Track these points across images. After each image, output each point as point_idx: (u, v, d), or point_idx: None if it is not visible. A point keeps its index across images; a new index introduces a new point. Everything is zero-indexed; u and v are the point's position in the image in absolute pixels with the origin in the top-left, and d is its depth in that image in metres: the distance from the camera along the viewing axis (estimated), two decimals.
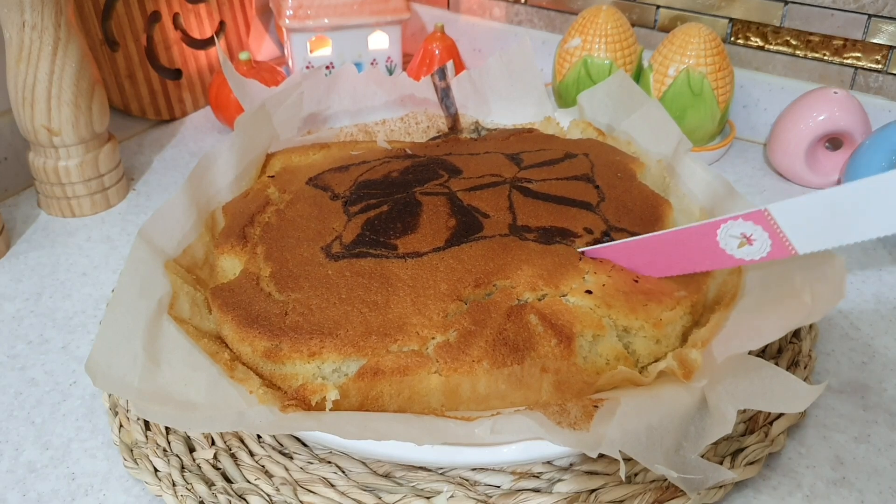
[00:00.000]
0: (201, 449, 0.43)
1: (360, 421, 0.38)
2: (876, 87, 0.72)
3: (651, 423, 0.36)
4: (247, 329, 0.42)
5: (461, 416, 0.39)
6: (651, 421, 0.36)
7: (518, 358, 0.40)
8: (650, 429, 0.36)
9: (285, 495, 0.40)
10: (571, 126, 0.68)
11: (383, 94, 0.68)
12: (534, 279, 0.44)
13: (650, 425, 0.36)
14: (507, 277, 0.44)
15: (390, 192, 0.53)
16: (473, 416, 0.39)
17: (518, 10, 0.90)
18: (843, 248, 0.37)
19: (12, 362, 0.50)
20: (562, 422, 0.37)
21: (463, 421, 0.38)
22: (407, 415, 0.39)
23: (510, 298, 0.43)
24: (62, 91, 0.61)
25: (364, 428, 0.37)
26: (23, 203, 0.68)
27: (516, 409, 0.39)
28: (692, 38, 0.69)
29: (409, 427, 0.37)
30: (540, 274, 0.44)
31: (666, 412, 0.37)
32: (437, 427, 0.37)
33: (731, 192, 0.51)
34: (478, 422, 0.38)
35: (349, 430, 0.37)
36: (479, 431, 0.37)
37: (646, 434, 0.35)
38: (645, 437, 0.35)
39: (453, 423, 0.38)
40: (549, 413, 0.38)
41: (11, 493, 0.41)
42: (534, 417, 0.38)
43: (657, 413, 0.36)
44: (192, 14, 0.82)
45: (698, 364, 0.40)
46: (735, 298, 0.44)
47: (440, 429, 0.37)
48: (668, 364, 0.39)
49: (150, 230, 0.47)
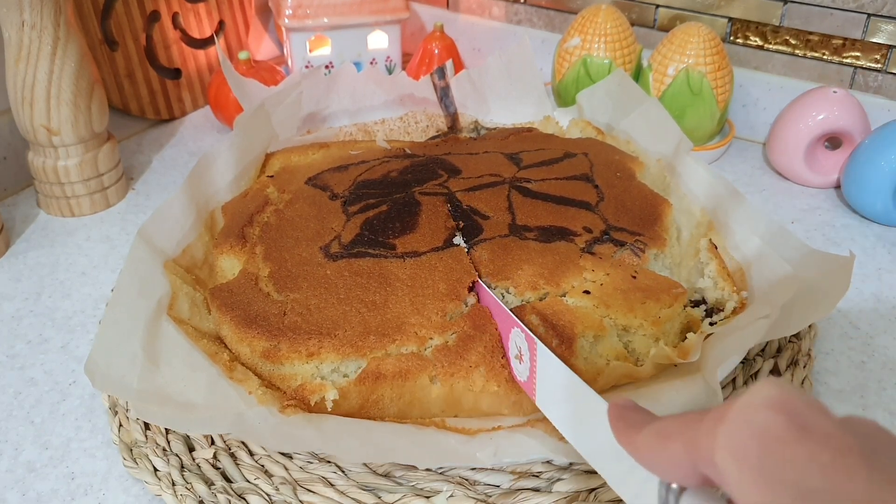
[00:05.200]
0: (201, 448, 0.43)
1: (362, 433, 0.38)
2: (875, 86, 0.72)
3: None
4: (245, 329, 0.42)
5: (462, 429, 0.39)
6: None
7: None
8: None
9: (285, 495, 0.40)
10: (571, 125, 0.68)
11: (382, 94, 0.68)
12: (534, 278, 0.44)
13: None
14: (507, 278, 0.44)
15: (389, 191, 0.53)
16: (474, 429, 0.39)
17: (517, 10, 0.90)
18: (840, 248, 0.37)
19: (11, 362, 0.50)
20: (563, 437, 0.38)
21: (464, 436, 0.38)
22: (408, 427, 0.39)
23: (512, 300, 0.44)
24: (61, 90, 0.61)
25: (366, 443, 0.37)
26: (22, 203, 0.68)
27: (516, 424, 0.40)
28: (691, 38, 0.69)
29: (410, 444, 0.38)
30: (540, 273, 0.44)
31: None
32: (439, 446, 0.38)
33: (732, 192, 0.51)
34: (479, 439, 0.38)
35: (351, 446, 0.37)
36: (481, 456, 0.37)
37: None
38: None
39: (454, 439, 0.38)
40: (549, 429, 0.38)
41: (11, 492, 0.41)
42: (535, 436, 0.38)
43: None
44: (191, 13, 0.82)
45: (692, 343, 0.40)
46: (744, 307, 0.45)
47: (442, 449, 0.38)
48: (663, 350, 0.39)
49: (150, 230, 0.47)
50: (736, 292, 0.46)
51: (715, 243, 0.50)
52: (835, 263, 0.41)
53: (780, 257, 0.46)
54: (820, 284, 0.41)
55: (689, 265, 0.51)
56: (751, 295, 0.47)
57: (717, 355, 0.39)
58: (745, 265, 0.49)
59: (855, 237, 0.63)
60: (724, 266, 0.49)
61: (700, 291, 0.48)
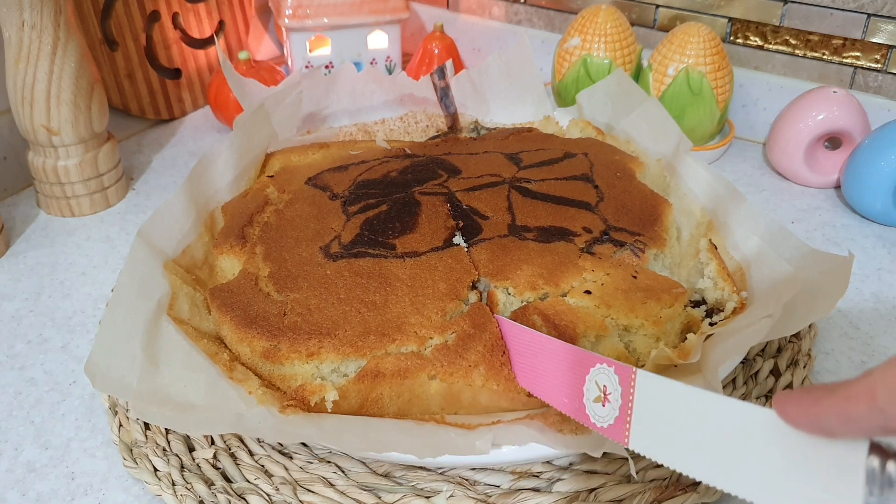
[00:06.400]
0: (201, 448, 0.43)
1: (360, 430, 0.38)
2: (875, 86, 0.72)
3: None
4: (245, 329, 0.42)
5: (461, 423, 0.39)
6: None
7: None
8: None
9: (285, 495, 0.40)
10: (571, 125, 0.68)
11: (382, 94, 0.68)
12: (534, 279, 0.44)
13: None
14: (506, 278, 0.44)
15: (389, 191, 0.53)
16: (474, 424, 0.39)
17: (517, 10, 0.90)
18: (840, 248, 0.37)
19: (11, 362, 0.50)
20: (563, 429, 0.38)
21: (464, 430, 0.38)
22: (407, 422, 0.39)
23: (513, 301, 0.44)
24: (61, 90, 0.61)
25: (365, 438, 0.37)
26: (22, 202, 0.68)
27: (516, 418, 0.39)
28: (691, 38, 0.69)
29: (409, 438, 0.38)
30: (540, 273, 0.44)
31: None
32: (438, 438, 0.38)
33: (732, 192, 0.51)
34: (478, 432, 0.38)
35: (350, 441, 0.37)
36: (480, 444, 0.37)
37: None
38: None
39: (454, 432, 0.38)
40: (549, 422, 0.38)
41: (11, 492, 0.41)
42: (534, 427, 0.38)
43: None
44: (191, 13, 0.82)
45: (692, 344, 0.40)
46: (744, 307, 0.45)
47: (441, 441, 0.38)
48: (663, 351, 0.39)
49: (150, 230, 0.47)
50: (736, 292, 0.46)
51: (715, 243, 0.50)
52: (835, 263, 0.41)
53: (780, 257, 0.46)
54: (820, 284, 0.41)
55: (688, 265, 0.51)
56: (750, 295, 0.47)
57: (718, 356, 0.39)
58: (744, 265, 0.49)
59: (855, 237, 0.63)
60: (724, 266, 0.49)
61: (700, 292, 0.48)
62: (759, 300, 0.45)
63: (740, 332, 0.40)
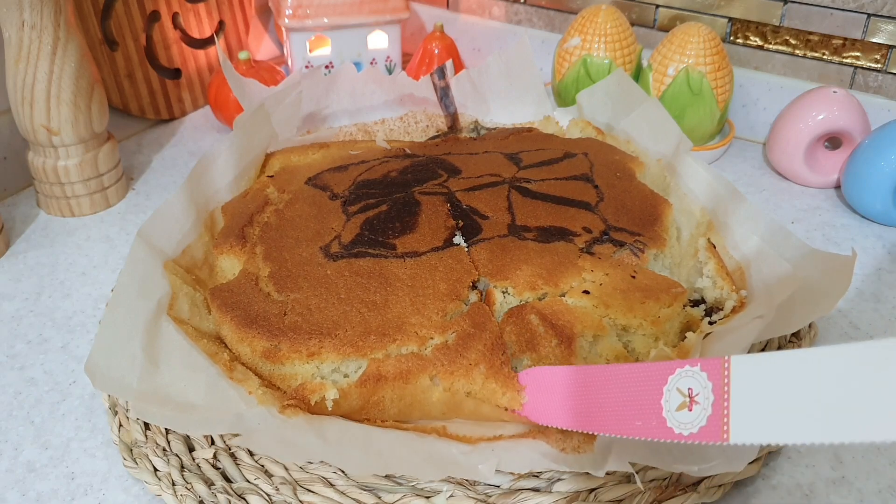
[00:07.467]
0: (201, 448, 0.43)
1: (362, 441, 0.38)
2: (875, 86, 0.72)
3: None
4: (246, 329, 0.42)
5: (462, 437, 0.40)
6: None
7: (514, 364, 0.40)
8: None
9: (285, 495, 0.40)
10: (570, 125, 0.68)
11: (382, 94, 0.68)
12: (533, 278, 0.44)
13: None
14: (506, 278, 0.44)
15: (389, 191, 0.53)
16: (475, 437, 0.39)
17: (517, 10, 0.90)
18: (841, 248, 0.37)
19: (11, 362, 0.50)
20: (565, 447, 0.38)
21: (466, 445, 0.39)
22: (409, 435, 0.39)
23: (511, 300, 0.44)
24: (61, 91, 0.61)
25: (368, 452, 0.38)
26: (22, 202, 0.68)
27: (517, 432, 0.40)
28: (691, 38, 0.69)
29: (412, 454, 0.38)
30: (539, 273, 0.44)
31: None
32: (440, 457, 0.38)
33: (732, 192, 0.51)
34: (481, 451, 0.38)
35: (353, 457, 0.37)
36: (483, 469, 0.37)
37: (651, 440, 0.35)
38: (651, 442, 0.35)
39: (456, 449, 0.38)
40: (551, 441, 0.38)
41: (11, 492, 0.41)
42: (536, 448, 0.38)
43: None
44: (191, 13, 0.82)
45: (691, 343, 0.40)
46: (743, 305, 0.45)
47: (444, 460, 0.38)
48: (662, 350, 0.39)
49: (150, 230, 0.47)
50: (735, 291, 0.46)
51: (713, 242, 0.50)
52: (836, 262, 0.41)
53: (780, 256, 0.46)
54: (820, 283, 0.41)
55: (688, 265, 0.51)
56: (750, 294, 0.47)
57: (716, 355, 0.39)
58: (744, 264, 0.49)
59: (855, 237, 0.63)
60: (723, 265, 0.49)
61: (699, 291, 0.48)
62: (758, 298, 0.45)
63: (738, 331, 0.40)
